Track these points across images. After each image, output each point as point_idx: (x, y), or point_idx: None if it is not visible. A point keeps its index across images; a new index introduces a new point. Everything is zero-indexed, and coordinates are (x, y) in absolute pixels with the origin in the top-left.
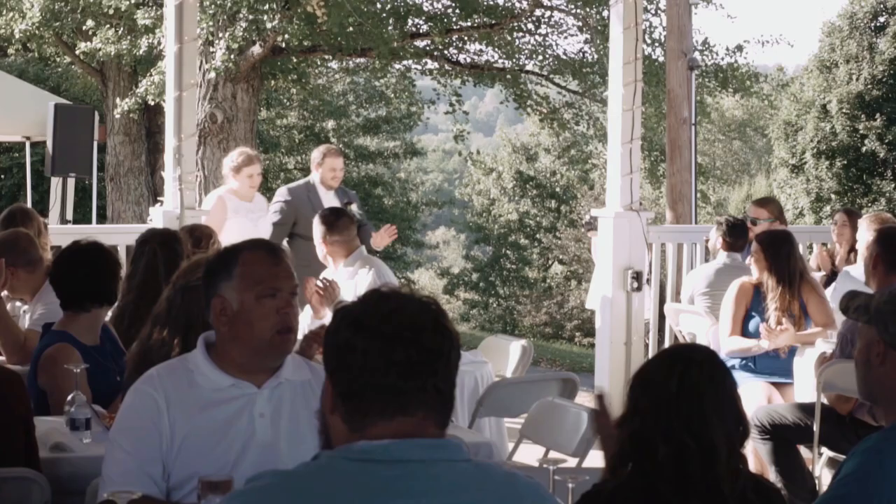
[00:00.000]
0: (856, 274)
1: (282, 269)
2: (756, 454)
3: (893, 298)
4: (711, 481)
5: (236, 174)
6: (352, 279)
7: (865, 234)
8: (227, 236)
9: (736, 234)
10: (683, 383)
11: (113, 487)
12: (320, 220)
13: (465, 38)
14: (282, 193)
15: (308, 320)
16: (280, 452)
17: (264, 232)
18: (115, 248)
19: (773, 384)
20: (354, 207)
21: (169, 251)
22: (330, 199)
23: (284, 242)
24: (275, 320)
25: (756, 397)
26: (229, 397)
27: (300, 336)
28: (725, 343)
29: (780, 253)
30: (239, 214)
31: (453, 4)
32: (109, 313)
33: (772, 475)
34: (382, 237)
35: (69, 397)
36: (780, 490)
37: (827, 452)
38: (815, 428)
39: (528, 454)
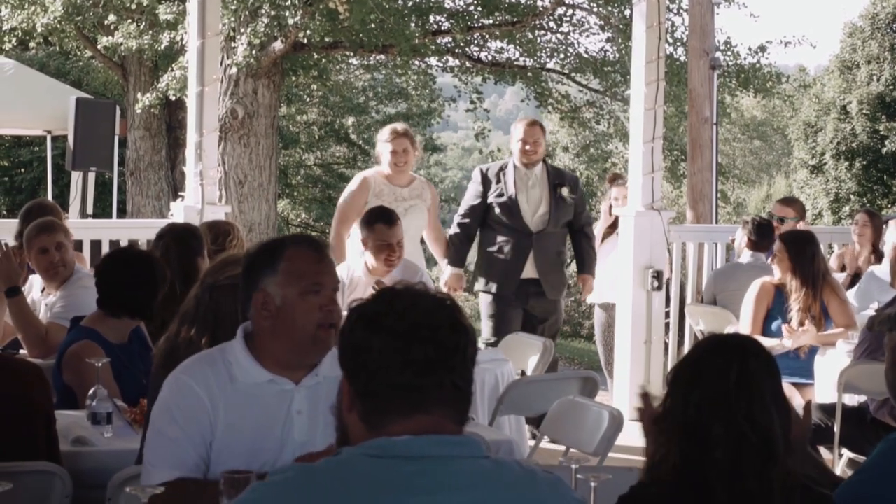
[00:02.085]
0: (881, 274)
1: (325, 265)
2: None
3: None
4: (765, 482)
5: (381, 152)
6: None
7: (894, 235)
8: None
9: (762, 234)
10: (743, 373)
11: (155, 475)
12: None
13: (487, 35)
14: (474, 174)
15: None
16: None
17: (416, 226)
18: (135, 243)
19: (794, 385)
20: (565, 191)
21: (183, 247)
22: (534, 180)
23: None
24: (318, 316)
25: None
26: (267, 393)
27: None
28: None
29: (804, 253)
30: (383, 200)
31: (475, 2)
32: None
33: None
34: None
35: (90, 391)
36: (829, 497)
37: (847, 454)
38: (836, 429)
39: (548, 453)
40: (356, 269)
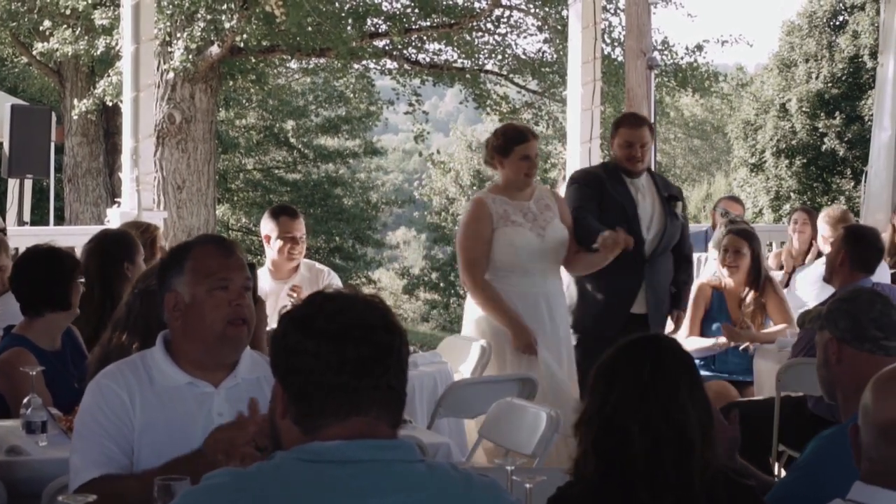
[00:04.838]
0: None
1: (233, 261)
2: None
3: (840, 299)
4: (684, 474)
5: (504, 158)
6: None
7: (825, 229)
8: (499, 251)
9: None
10: (657, 370)
11: (83, 474)
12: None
13: (425, 37)
14: (571, 184)
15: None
16: None
17: (561, 242)
18: (72, 250)
19: (733, 383)
20: (679, 207)
21: (101, 254)
22: (643, 192)
23: None
24: (226, 311)
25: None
26: (187, 396)
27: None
28: (684, 343)
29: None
30: (514, 222)
31: (412, 4)
32: None
33: None
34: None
35: (25, 400)
36: (753, 488)
37: (787, 451)
38: (775, 428)
39: (488, 455)
40: (261, 281)
